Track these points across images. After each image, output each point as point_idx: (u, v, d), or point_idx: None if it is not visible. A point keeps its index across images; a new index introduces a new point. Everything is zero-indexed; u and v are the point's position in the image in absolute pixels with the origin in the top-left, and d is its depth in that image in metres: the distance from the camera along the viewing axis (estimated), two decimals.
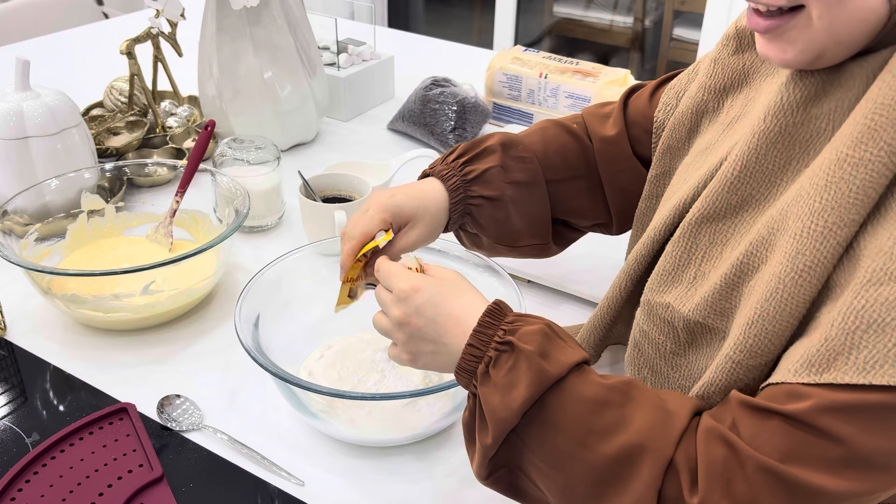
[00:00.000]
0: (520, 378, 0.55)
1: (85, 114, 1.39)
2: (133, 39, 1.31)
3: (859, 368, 0.48)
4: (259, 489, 0.73)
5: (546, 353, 0.56)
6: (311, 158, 1.35)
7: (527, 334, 0.56)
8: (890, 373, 0.47)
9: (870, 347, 0.48)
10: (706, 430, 0.53)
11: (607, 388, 0.55)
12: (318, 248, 0.90)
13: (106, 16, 2.46)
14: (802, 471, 0.49)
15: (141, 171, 1.16)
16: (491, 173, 0.79)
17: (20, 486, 0.71)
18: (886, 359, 0.47)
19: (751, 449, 0.50)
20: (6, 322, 0.94)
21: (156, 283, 0.91)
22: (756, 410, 0.52)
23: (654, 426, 0.53)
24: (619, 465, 0.52)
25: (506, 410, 0.55)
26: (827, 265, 0.52)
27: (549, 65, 1.42)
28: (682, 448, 0.52)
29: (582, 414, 0.54)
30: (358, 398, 0.70)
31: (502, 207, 0.80)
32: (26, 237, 0.97)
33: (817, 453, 0.49)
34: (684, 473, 0.51)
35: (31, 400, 0.83)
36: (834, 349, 0.49)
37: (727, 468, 0.50)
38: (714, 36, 2.70)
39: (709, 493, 0.50)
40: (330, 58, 1.46)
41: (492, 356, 0.57)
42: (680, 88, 0.77)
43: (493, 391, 0.56)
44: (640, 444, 0.52)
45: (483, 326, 0.58)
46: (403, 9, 3.97)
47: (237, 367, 0.88)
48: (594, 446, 0.53)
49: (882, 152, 0.49)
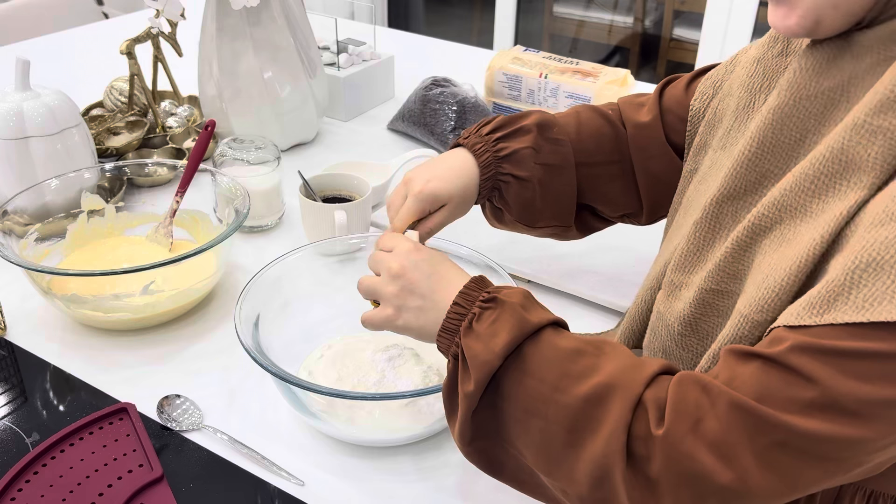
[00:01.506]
0: (502, 327, 0.58)
1: (85, 114, 1.39)
2: (133, 39, 1.31)
3: (858, 307, 0.48)
4: (259, 489, 0.73)
5: (527, 307, 0.59)
6: (311, 158, 1.35)
7: (510, 292, 0.61)
8: (888, 309, 0.46)
9: (869, 286, 0.47)
10: (680, 377, 0.54)
11: (584, 340, 0.57)
12: (318, 248, 0.90)
13: (106, 16, 2.46)
14: (773, 408, 0.49)
15: (141, 171, 1.16)
16: (523, 153, 0.82)
17: (20, 486, 0.71)
18: (885, 296, 0.47)
19: (724, 387, 0.51)
20: (6, 322, 0.94)
21: (156, 283, 0.91)
22: (739, 355, 0.53)
23: (625, 369, 0.55)
24: (591, 405, 0.54)
25: (488, 353, 0.57)
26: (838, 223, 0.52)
27: (549, 65, 1.42)
28: (652, 389, 0.53)
29: (557, 360, 0.56)
30: (358, 398, 0.70)
31: (529, 188, 0.82)
32: (26, 237, 0.97)
33: (790, 393, 0.49)
34: (652, 411, 0.52)
35: (31, 400, 0.83)
36: (834, 290, 0.49)
37: (698, 407, 0.51)
38: (714, 36, 2.71)
39: (674, 426, 0.51)
40: (330, 58, 1.46)
41: (476, 312, 0.60)
42: (717, 79, 0.78)
43: (475, 340, 0.59)
44: (611, 384, 0.54)
45: (469, 289, 0.62)
46: (403, 9, 3.97)
47: (237, 367, 0.88)
48: (568, 388, 0.55)
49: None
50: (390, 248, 0.69)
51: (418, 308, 0.65)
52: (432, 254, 0.68)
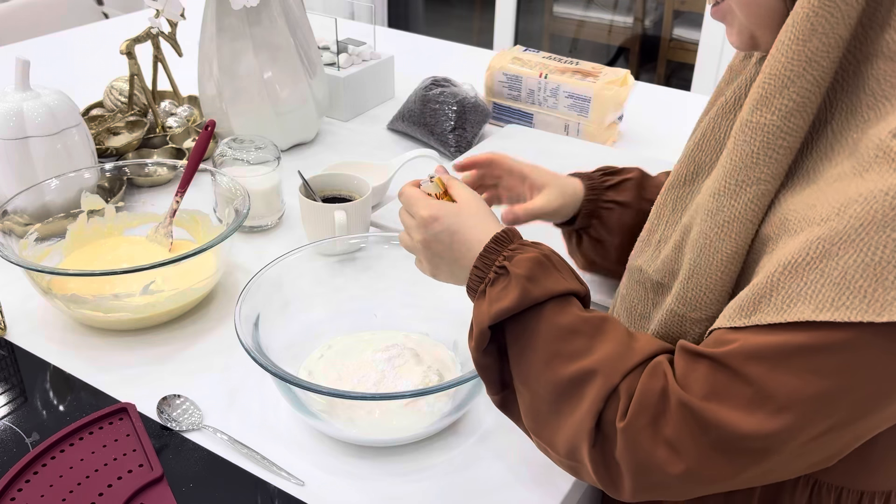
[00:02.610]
0: (508, 294, 0.61)
1: (85, 114, 1.39)
2: (133, 39, 1.31)
3: (778, 308, 0.51)
4: (259, 489, 0.73)
5: (534, 277, 0.61)
6: (311, 158, 1.35)
7: (521, 261, 0.62)
8: (801, 310, 0.50)
9: (786, 288, 0.51)
10: (653, 365, 0.56)
11: (582, 319, 0.60)
12: (318, 248, 0.90)
13: (106, 16, 2.46)
14: (718, 409, 0.52)
15: (141, 171, 1.16)
16: (628, 184, 0.87)
17: (20, 486, 0.71)
18: (799, 297, 0.50)
19: (677, 385, 0.54)
20: (6, 322, 0.94)
21: (156, 283, 0.91)
22: (690, 354, 0.55)
23: (611, 356, 0.57)
24: (573, 385, 0.58)
25: (485, 315, 0.62)
26: (746, 219, 0.57)
27: (549, 65, 1.42)
28: (629, 379, 0.56)
29: (553, 337, 0.59)
30: (358, 398, 0.70)
31: (631, 214, 0.86)
32: (26, 237, 0.97)
33: (733, 393, 0.52)
34: (623, 400, 0.56)
35: (31, 400, 0.83)
36: (758, 293, 0.53)
37: (661, 401, 0.54)
38: (714, 36, 2.71)
39: (634, 419, 0.54)
40: (330, 58, 1.46)
41: (491, 277, 0.64)
42: None
43: (484, 302, 0.63)
44: (593, 370, 0.57)
45: (487, 252, 0.65)
46: (403, 9, 3.97)
47: (237, 367, 0.88)
48: (557, 367, 0.59)
49: (774, 116, 0.54)
50: (409, 206, 0.72)
51: (448, 272, 0.71)
52: (450, 220, 0.69)
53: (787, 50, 0.53)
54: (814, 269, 0.50)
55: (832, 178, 0.53)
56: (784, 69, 0.54)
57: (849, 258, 0.48)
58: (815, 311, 0.49)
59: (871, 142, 0.51)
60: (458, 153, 1.33)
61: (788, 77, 0.53)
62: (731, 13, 0.60)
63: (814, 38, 0.52)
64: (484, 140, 1.37)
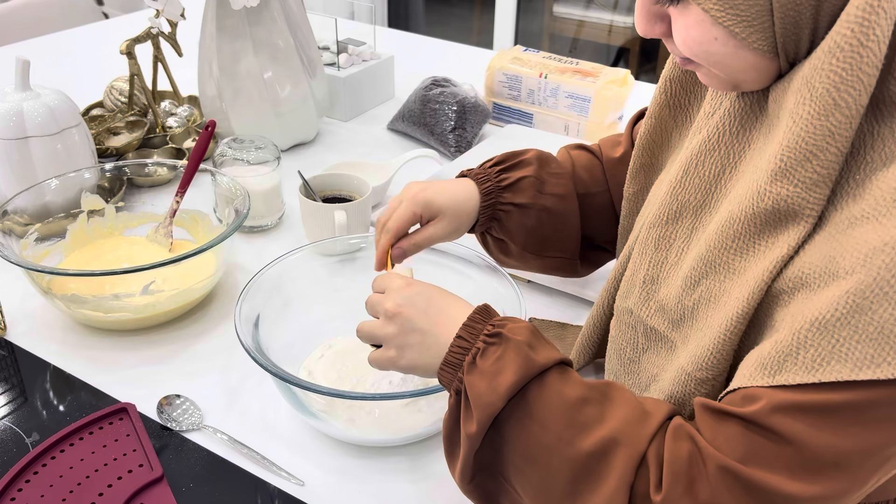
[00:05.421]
0: (507, 365, 0.56)
1: (85, 114, 1.39)
2: (133, 39, 1.31)
3: (807, 367, 0.49)
4: (259, 489, 0.73)
5: (533, 345, 0.57)
6: (311, 158, 1.35)
7: (516, 328, 0.58)
8: (837, 369, 0.48)
9: (816, 346, 0.49)
10: (674, 428, 0.54)
11: (588, 386, 0.56)
12: (318, 248, 0.90)
13: (106, 16, 2.46)
14: (760, 472, 0.50)
15: (141, 171, 1.16)
16: (525, 182, 0.83)
17: (20, 486, 0.71)
18: (832, 356, 0.48)
19: (712, 448, 0.52)
20: (6, 322, 0.94)
21: (156, 283, 0.91)
22: (715, 413, 0.53)
23: (630, 422, 0.54)
24: (595, 460, 0.53)
25: (492, 394, 0.56)
26: (763, 281, 0.54)
27: (549, 65, 1.42)
28: (655, 445, 0.53)
29: (562, 408, 0.55)
30: (358, 398, 0.70)
31: (531, 216, 0.83)
32: (26, 237, 0.97)
33: (771, 454, 0.50)
34: (653, 470, 0.52)
35: (31, 400, 0.83)
36: (783, 350, 0.51)
37: (692, 466, 0.52)
38: None
39: (671, 491, 0.51)
40: (330, 58, 1.46)
41: (480, 347, 0.58)
42: None
43: (479, 378, 0.57)
44: (615, 439, 0.53)
45: (473, 321, 0.60)
46: (403, 9, 3.97)
47: (237, 367, 0.88)
48: (572, 440, 0.54)
49: (798, 188, 0.52)
50: (383, 288, 0.67)
51: (419, 344, 0.62)
52: (426, 287, 0.65)
53: (806, 125, 0.51)
54: (846, 326, 0.48)
55: (842, 224, 0.51)
56: (805, 144, 0.51)
57: (884, 312, 0.46)
58: (854, 369, 0.47)
59: (886, 185, 0.49)
60: (458, 153, 1.33)
61: (811, 151, 0.51)
62: (704, 68, 0.58)
63: (836, 112, 0.50)
64: (484, 140, 1.37)
